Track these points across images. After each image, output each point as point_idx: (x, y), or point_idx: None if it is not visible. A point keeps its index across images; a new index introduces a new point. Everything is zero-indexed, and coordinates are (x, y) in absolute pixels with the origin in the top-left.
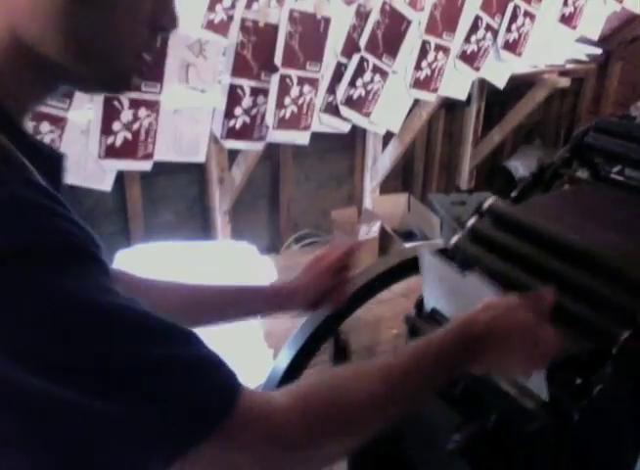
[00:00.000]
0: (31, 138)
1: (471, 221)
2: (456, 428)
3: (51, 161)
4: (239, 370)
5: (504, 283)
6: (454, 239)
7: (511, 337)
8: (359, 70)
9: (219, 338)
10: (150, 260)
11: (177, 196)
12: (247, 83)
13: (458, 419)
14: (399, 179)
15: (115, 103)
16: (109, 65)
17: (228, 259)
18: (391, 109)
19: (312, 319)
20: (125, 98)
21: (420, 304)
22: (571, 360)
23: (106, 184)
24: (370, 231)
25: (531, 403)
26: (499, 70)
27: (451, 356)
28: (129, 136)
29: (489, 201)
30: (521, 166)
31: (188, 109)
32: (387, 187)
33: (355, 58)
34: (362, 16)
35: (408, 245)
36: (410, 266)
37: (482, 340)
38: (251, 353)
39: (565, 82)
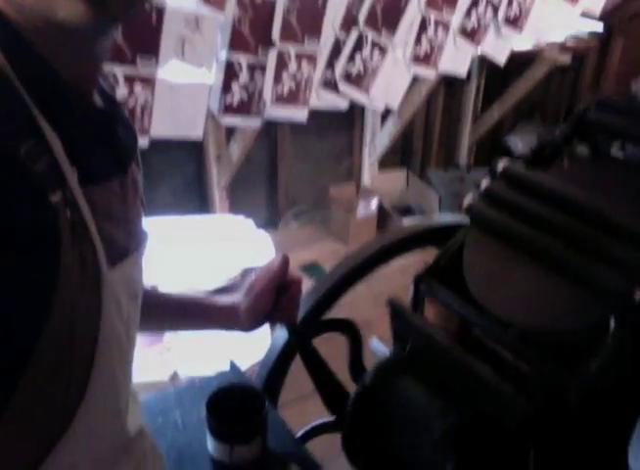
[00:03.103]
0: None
1: (485, 183)
2: (439, 416)
3: (60, 96)
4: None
5: (518, 243)
6: (468, 200)
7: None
8: (358, 46)
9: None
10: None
11: (175, 173)
12: (244, 59)
13: (441, 406)
14: (398, 156)
15: (111, 79)
16: None
17: (224, 234)
18: (390, 85)
19: (311, 295)
20: (120, 74)
21: (418, 279)
22: (567, 339)
23: None
24: (368, 207)
25: (510, 389)
26: (499, 47)
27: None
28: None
29: (503, 163)
30: (520, 143)
31: (185, 85)
32: (385, 164)
33: (354, 33)
34: None
35: (406, 221)
36: (408, 243)
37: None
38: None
39: (565, 59)
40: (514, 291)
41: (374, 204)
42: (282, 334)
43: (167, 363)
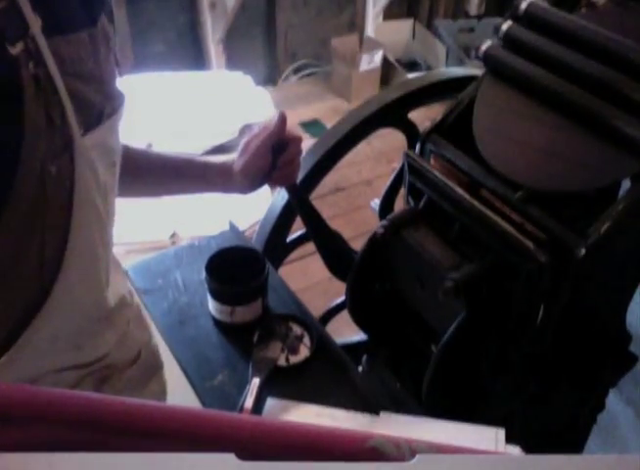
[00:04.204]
0: None
1: (505, 26)
2: (453, 268)
3: None
4: (236, 207)
5: (539, 91)
6: (485, 46)
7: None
8: None
9: None
10: (140, 92)
11: (167, 23)
12: None
13: (456, 259)
14: (404, 4)
15: None
16: None
17: (221, 91)
18: None
19: (312, 153)
20: None
21: (424, 137)
22: (578, 197)
23: None
24: (372, 60)
25: (530, 242)
26: None
27: None
28: None
29: (527, 1)
30: None
31: None
32: (390, 13)
33: None
34: None
35: (411, 75)
36: (414, 99)
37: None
38: None
39: None
40: (525, 150)
41: (378, 57)
42: (282, 194)
43: (167, 223)
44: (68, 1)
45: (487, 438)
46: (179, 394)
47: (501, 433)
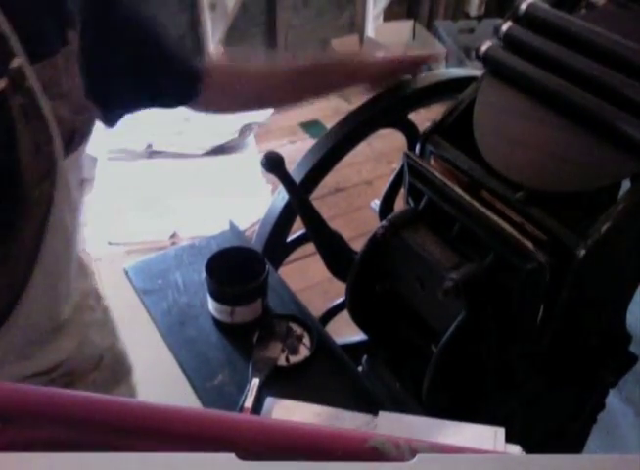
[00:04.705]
0: None
1: (505, 27)
2: (453, 268)
3: None
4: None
5: (539, 91)
6: (485, 46)
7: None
8: None
9: (218, 174)
10: None
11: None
12: None
13: (456, 259)
14: (404, 5)
15: None
16: None
17: None
18: None
19: (312, 153)
20: None
21: (424, 137)
22: (578, 197)
23: None
24: None
25: (530, 242)
26: None
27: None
28: None
29: (527, 1)
30: None
31: None
32: (391, 14)
33: None
34: None
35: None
36: (414, 99)
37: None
38: (250, 189)
39: None
40: (525, 150)
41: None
42: (282, 194)
43: (167, 223)
44: (45, 25)
45: (487, 437)
46: (179, 394)
47: (500, 432)
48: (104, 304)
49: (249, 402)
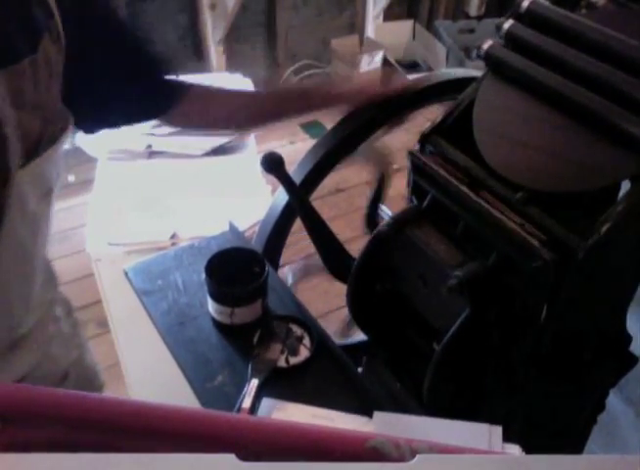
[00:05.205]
0: None
1: (506, 25)
2: (458, 265)
3: None
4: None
5: (541, 90)
6: (486, 45)
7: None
8: None
9: (218, 175)
10: None
11: (167, 24)
12: None
13: (460, 257)
14: (404, 5)
15: None
16: None
17: None
18: None
19: (313, 153)
20: None
21: (424, 138)
22: (578, 198)
23: None
24: (372, 61)
25: (535, 240)
26: None
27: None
28: None
29: (528, 1)
30: None
31: None
32: (391, 14)
33: None
34: None
35: (412, 76)
36: (414, 100)
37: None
38: (250, 189)
39: None
40: (525, 150)
41: (378, 58)
42: (282, 195)
43: (167, 224)
44: (9, 30)
45: (483, 435)
46: (179, 394)
47: (496, 430)
48: (74, 317)
49: (246, 403)
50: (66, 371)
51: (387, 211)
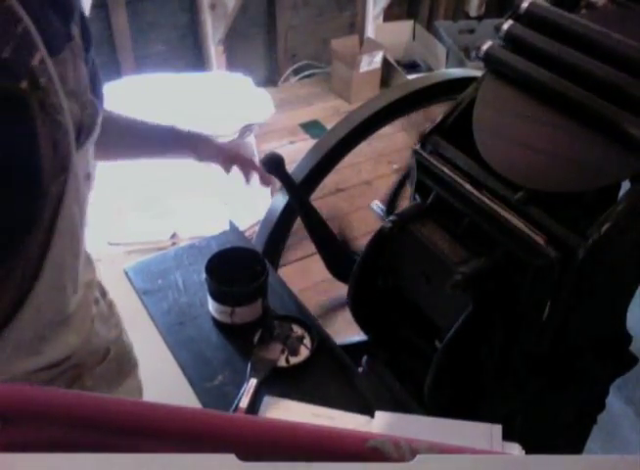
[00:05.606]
0: None
1: (506, 25)
2: (462, 262)
3: None
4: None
5: (540, 90)
6: (486, 46)
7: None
8: None
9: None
10: (140, 93)
11: (167, 24)
12: None
13: (464, 254)
14: (404, 5)
15: None
16: None
17: (222, 92)
18: None
19: (313, 154)
20: None
21: (424, 138)
22: (578, 198)
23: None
24: (372, 62)
25: (540, 238)
26: None
27: None
28: None
29: (528, 0)
30: None
31: None
32: (391, 14)
33: None
34: None
35: (412, 76)
36: (414, 100)
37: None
38: (249, 191)
39: None
40: (525, 150)
41: (378, 58)
42: (282, 195)
43: (167, 223)
44: (54, 21)
45: (483, 434)
46: (179, 394)
47: (496, 429)
48: (109, 298)
49: (244, 403)
50: (107, 348)
51: (381, 206)
